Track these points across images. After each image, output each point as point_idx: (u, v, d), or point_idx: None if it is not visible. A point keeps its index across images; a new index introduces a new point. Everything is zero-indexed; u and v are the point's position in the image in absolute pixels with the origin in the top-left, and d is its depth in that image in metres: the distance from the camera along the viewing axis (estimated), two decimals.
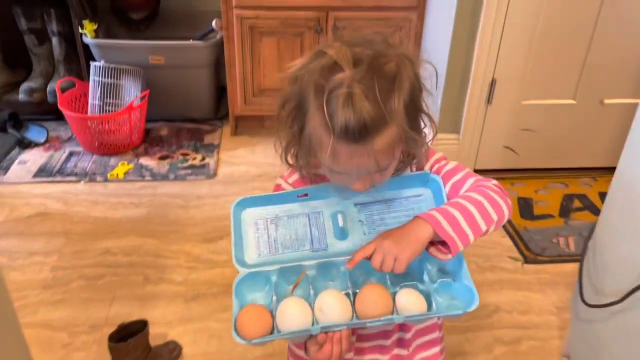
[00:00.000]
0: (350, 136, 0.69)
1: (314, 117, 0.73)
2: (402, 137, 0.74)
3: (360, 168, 0.74)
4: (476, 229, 0.78)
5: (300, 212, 0.86)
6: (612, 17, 1.96)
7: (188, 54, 2.42)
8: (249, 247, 0.85)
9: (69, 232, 1.90)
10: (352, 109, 0.68)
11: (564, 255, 1.85)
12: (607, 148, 2.24)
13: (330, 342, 0.76)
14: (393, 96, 0.71)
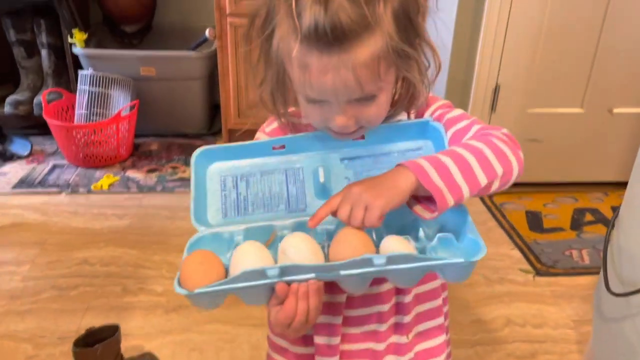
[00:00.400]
0: (321, 39, 0.56)
1: (281, 25, 0.61)
2: (390, 52, 0.60)
3: (338, 88, 0.60)
4: (473, 182, 0.62)
5: (277, 168, 0.73)
6: (619, 21, 1.88)
7: (180, 65, 2.35)
8: (213, 206, 0.72)
9: (45, 242, 1.77)
10: (324, 5, 0.55)
11: (579, 268, 1.72)
12: (618, 160, 2.13)
13: (295, 297, 0.59)
14: (377, 3, 0.58)
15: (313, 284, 0.60)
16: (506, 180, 0.66)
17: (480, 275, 1.66)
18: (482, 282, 1.64)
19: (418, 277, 0.64)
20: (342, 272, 0.60)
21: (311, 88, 0.61)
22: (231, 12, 2.14)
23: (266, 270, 0.59)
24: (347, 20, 0.56)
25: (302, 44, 0.58)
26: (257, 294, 0.62)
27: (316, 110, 0.65)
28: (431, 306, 0.78)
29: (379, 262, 0.59)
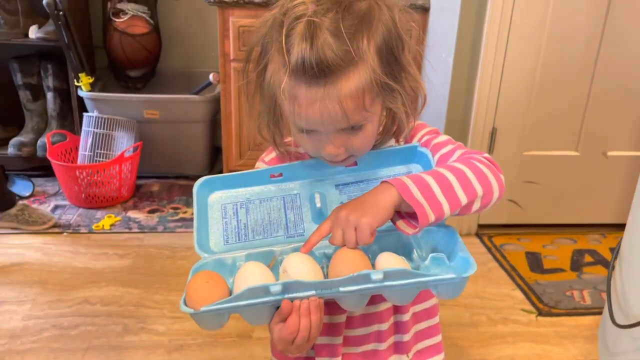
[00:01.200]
0: (308, 73, 0.60)
1: (273, 58, 0.65)
2: (374, 85, 0.64)
3: (326, 119, 0.63)
4: (453, 199, 0.65)
5: (275, 195, 0.76)
6: (611, 67, 1.96)
7: (184, 108, 2.40)
8: (215, 234, 0.74)
9: (46, 282, 1.76)
10: (310, 42, 0.60)
11: (580, 309, 1.72)
12: (613, 203, 2.17)
13: (297, 313, 0.61)
14: (361, 35, 0.62)
15: (314, 300, 0.62)
16: (487, 201, 0.69)
17: (483, 315, 1.66)
18: (486, 322, 1.64)
19: (414, 294, 0.66)
20: (342, 289, 0.62)
21: (300, 119, 0.65)
22: (235, 57, 2.21)
23: (269, 287, 0.61)
24: (332, 55, 0.60)
25: (291, 77, 0.62)
26: (260, 312, 0.64)
27: (308, 140, 0.69)
28: (429, 324, 0.81)
29: (377, 278, 0.62)
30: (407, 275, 0.63)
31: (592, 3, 1.88)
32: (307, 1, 0.62)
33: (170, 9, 2.63)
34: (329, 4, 0.62)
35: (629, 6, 1.88)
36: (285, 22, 0.62)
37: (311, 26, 0.60)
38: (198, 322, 0.65)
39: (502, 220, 2.18)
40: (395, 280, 0.62)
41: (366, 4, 0.64)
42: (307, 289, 0.62)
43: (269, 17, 0.68)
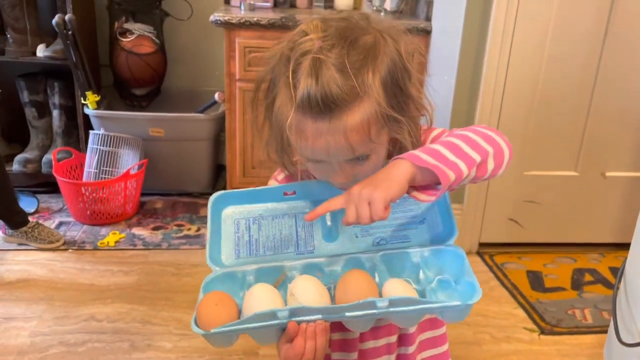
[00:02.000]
0: (313, 108, 0.62)
1: (281, 92, 0.67)
2: (379, 117, 0.66)
3: (332, 151, 0.65)
4: (466, 159, 0.66)
5: (287, 212, 0.78)
6: (609, 88, 2.01)
7: (189, 126, 2.43)
8: (227, 247, 0.77)
9: (52, 298, 1.77)
10: (316, 78, 0.61)
11: (582, 327, 1.74)
12: (612, 223, 2.20)
13: (303, 336, 0.63)
14: (366, 69, 0.64)
15: (320, 324, 0.64)
16: (500, 159, 0.70)
17: (486, 333, 1.68)
18: (489, 340, 1.65)
19: (419, 319, 0.69)
20: (347, 314, 0.64)
21: (307, 151, 0.67)
22: (240, 77, 2.25)
23: (276, 312, 0.63)
24: (337, 90, 0.62)
25: (297, 112, 0.64)
26: (268, 334, 0.66)
27: (316, 169, 0.71)
28: (433, 334, 0.84)
29: (382, 305, 0.63)
30: (412, 302, 0.64)
31: (591, 26, 1.93)
32: (313, 37, 0.65)
33: (176, 28, 2.67)
34: (334, 40, 0.64)
35: (627, 29, 1.94)
36: (292, 58, 0.64)
37: (317, 62, 0.62)
38: (208, 341, 0.68)
39: (502, 239, 2.21)
40: (400, 306, 0.64)
41: (371, 37, 0.66)
42: (314, 314, 0.64)
43: (277, 50, 0.70)
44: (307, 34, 0.66)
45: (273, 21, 2.18)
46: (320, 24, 0.67)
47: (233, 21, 2.16)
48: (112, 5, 2.52)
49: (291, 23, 2.18)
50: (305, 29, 0.67)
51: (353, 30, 0.66)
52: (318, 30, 0.66)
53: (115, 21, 2.52)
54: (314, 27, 0.66)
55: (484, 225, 2.17)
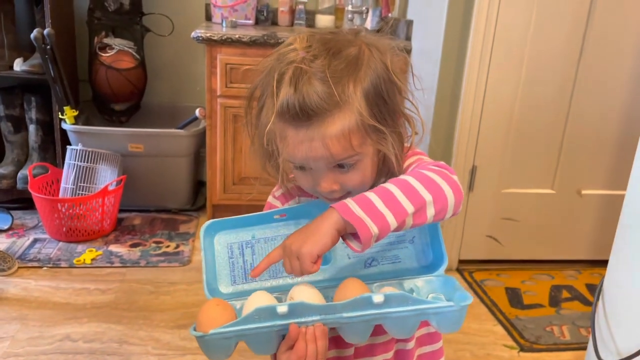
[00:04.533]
0: (292, 116, 0.64)
1: (266, 103, 0.69)
2: (360, 127, 0.67)
3: (312, 157, 0.67)
4: (397, 209, 0.65)
5: (278, 234, 0.78)
6: (584, 108, 2.06)
7: (169, 142, 2.41)
8: (222, 274, 0.76)
9: (25, 318, 1.72)
10: (295, 86, 0.64)
11: (560, 344, 1.76)
12: (588, 240, 2.23)
13: (304, 339, 0.64)
14: (347, 79, 0.66)
15: (319, 326, 0.65)
16: (441, 205, 0.69)
17: (467, 351, 1.68)
18: (470, 358, 1.66)
19: (415, 325, 0.69)
20: (345, 314, 0.65)
21: (290, 157, 0.69)
22: (221, 93, 2.25)
23: (276, 307, 0.64)
24: (316, 98, 0.64)
25: (278, 119, 0.66)
26: (267, 339, 0.66)
27: (303, 176, 0.72)
28: (432, 349, 0.84)
29: (378, 300, 0.64)
30: (407, 300, 0.66)
31: (566, 49, 1.98)
32: (298, 48, 0.67)
33: (156, 44, 2.67)
34: (318, 51, 0.66)
35: (600, 51, 1.99)
36: (277, 68, 0.67)
37: (297, 71, 0.65)
38: (206, 348, 0.66)
39: (481, 255, 2.23)
40: (395, 305, 0.65)
41: (356, 49, 0.68)
42: (312, 313, 0.65)
43: (265, 63, 0.72)
44: (292, 45, 0.68)
45: (255, 38, 2.19)
46: (306, 36, 0.69)
47: (215, 38, 2.17)
48: (92, 20, 2.50)
49: (272, 40, 2.19)
50: (292, 41, 0.69)
51: (338, 42, 0.68)
52: (303, 42, 0.68)
53: (95, 36, 2.50)
54: (300, 39, 0.69)
55: (463, 243, 2.19)
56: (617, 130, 2.11)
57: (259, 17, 2.61)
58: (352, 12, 2.56)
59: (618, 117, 2.09)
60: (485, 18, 1.89)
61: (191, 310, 1.79)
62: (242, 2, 2.49)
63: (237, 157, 2.34)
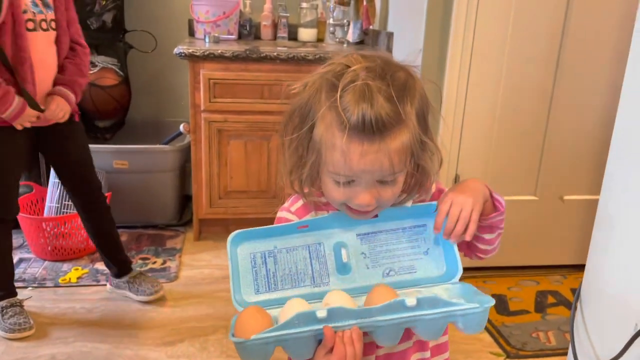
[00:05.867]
0: (367, 130, 0.68)
1: (324, 118, 0.72)
2: (414, 145, 0.73)
3: (375, 169, 0.71)
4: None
5: (300, 244, 0.80)
6: (563, 115, 2.09)
7: (154, 158, 2.42)
8: (246, 283, 0.78)
9: (10, 339, 1.71)
10: (370, 102, 0.68)
11: (546, 350, 1.77)
12: (572, 245, 2.26)
13: (342, 342, 0.67)
14: (406, 100, 0.71)
15: (355, 329, 0.68)
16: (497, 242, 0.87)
17: (454, 359, 1.69)
18: None
19: (443, 326, 0.73)
20: (379, 317, 0.69)
21: (350, 170, 0.71)
22: (205, 108, 2.26)
23: (316, 312, 0.67)
24: (387, 115, 0.69)
25: (350, 132, 0.69)
26: (305, 343, 0.69)
27: (342, 191, 0.75)
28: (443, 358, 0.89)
29: (411, 304, 0.69)
30: (437, 303, 0.70)
31: (544, 56, 2.02)
32: (357, 69, 0.71)
33: (140, 61, 2.68)
34: (376, 72, 0.71)
35: (578, 59, 2.03)
36: (341, 85, 0.70)
37: (368, 89, 0.69)
38: (245, 354, 0.69)
39: (466, 263, 2.22)
40: (427, 308, 0.69)
41: (404, 74, 0.73)
42: (349, 317, 0.68)
43: (315, 79, 0.75)
44: (349, 66, 0.72)
45: (237, 53, 2.21)
46: (360, 57, 0.73)
47: (197, 53, 2.18)
48: None
49: (255, 55, 2.21)
50: (346, 62, 0.73)
51: (389, 66, 0.73)
52: (360, 62, 0.72)
53: None
54: (355, 60, 0.73)
55: None
56: (596, 136, 2.14)
57: (242, 31, 2.64)
58: (333, 25, 2.59)
59: (597, 123, 2.12)
60: (463, 29, 1.93)
61: (178, 327, 1.79)
62: (224, 17, 2.51)
63: (223, 171, 2.34)
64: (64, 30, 1.70)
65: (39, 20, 1.63)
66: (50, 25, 1.66)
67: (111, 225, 1.94)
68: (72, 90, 1.72)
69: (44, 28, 1.65)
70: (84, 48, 1.79)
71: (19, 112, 1.59)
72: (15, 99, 1.58)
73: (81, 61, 1.76)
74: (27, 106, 1.60)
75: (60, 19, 1.69)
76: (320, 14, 2.69)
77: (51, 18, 1.66)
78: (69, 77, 1.72)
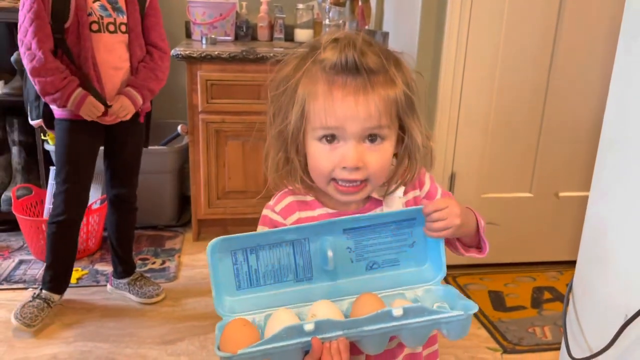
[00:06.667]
0: (349, 67, 0.69)
1: (307, 73, 0.73)
2: (400, 106, 0.73)
3: (355, 112, 0.70)
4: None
5: (283, 241, 0.79)
6: (558, 112, 2.11)
7: (152, 159, 2.42)
8: (226, 281, 0.77)
9: (11, 340, 1.73)
10: (353, 46, 0.69)
11: (542, 344, 1.79)
12: (568, 241, 2.27)
13: (329, 353, 0.68)
14: (392, 63, 0.72)
15: (342, 340, 0.68)
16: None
17: (451, 355, 1.71)
18: None
19: (427, 334, 0.74)
20: (366, 328, 0.69)
21: (333, 114, 0.71)
22: (203, 109, 2.27)
23: (303, 325, 0.67)
24: (372, 61, 0.70)
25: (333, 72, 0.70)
26: (292, 355, 0.69)
27: (327, 152, 0.74)
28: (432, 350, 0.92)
29: (397, 314, 0.69)
30: (423, 312, 0.71)
31: (538, 55, 2.04)
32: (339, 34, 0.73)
33: None
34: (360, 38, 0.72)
35: (571, 55, 2.05)
36: (323, 41, 0.72)
37: (353, 40, 0.71)
38: None
39: (464, 260, 2.25)
40: (412, 317, 0.70)
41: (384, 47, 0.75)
42: (336, 329, 0.69)
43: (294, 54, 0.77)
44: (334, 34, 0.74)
45: (234, 54, 2.22)
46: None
47: (194, 55, 2.20)
48: None
49: (252, 56, 2.23)
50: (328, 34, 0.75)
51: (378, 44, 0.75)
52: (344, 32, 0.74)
53: None
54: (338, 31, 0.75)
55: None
56: (590, 132, 2.15)
57: (239, 32, 2.65)
58: (329, 25, 2.61)
59: (591, 119, 2.14)
60: (457, 28, 1.95)
61: (177, 326, 1.80)
62: (221, 19, 2.53)
63: (221, 171, 2.36)
64: (136, 34, 1.76)
65: (106, 23, 1.70)
66: (119, 29, 1.73)
67: (132, 226, 2.02)
68: (140, 92, 1.77)
69: (111, 30, 1.71)
70: (162, 53, 1.84)
71: (80, 101, 1.65)
72: (78, 90, 1.65)
73: (156, 65, 1.81)
74: (88, 96, 1.66)
75: (133, 24, 1.75)
76: (316, 15, 2.71)
77: (121, 22, 1.73)
78: (140, 81, 1.78)
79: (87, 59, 1.68)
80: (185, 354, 1.67)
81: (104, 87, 1.73)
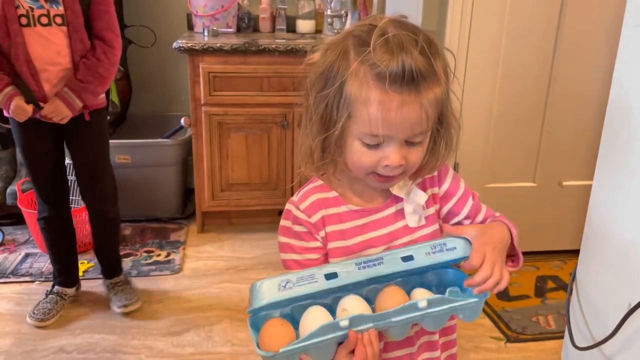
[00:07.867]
0: (407, 79, 0.68)
1: (356, 73, 0.70)
2: (445, 100, 0.73)
3: (411, 119, 0.70)
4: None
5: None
6: (561, 102, 2.10)
7: (156, 152, 2.44)
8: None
9: (19, 332, 1.75)
10: (405, 52, 0.67)
11: (546, 333, 1.80)
12: (571, 230, 2.28)
13: (362, 344, 0.72)
14: (435, 55, 0.71)
15: (372, 332, 0.72)
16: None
17: None
18: (458, 351, 1.69)
19: (445, 319, 0.78)
20: (394, 319, 0.73)
21: (387, 122, 0.70)
22: (206, 102, 2.28)
23: (339, 322, 0.71)
24: (423, 66, 0.69)
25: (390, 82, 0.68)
26: (328, 348, 0.73)
27: (370, 154, 0.74)
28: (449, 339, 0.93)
29: (422, 305, 0.73)
30: (444, 302, 0.75)
31: (541, 43, 2.03)
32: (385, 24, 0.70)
33: (140, 55, 2.69)
34: (403, 27, 0.71)
35: (575, 44, 2.04)
36: (373, 38, 0.69)
37: (402, 40, 0.68)
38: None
39: None
40: (435, 306, 0.75)
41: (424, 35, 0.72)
42: (368, 322, 0.73)
43: (337, 41, 0.74)
44: (375, 25, 0.71)
45: (236, 46, 2.22)
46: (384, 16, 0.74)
47: (196, 47, 2.20)
48: None
49: (254, 47, 2.22)
50: (371, 22, 0.72)
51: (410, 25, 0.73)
52: (385, 19, 0.72)
53: None
54: (379, 18, 0.72)
55: None
56: (594, 121, 2.15)
57: (241, 24, 2.65)
58: (331, 16, 2.60)
59: (595, 109, 2.13)
60: (460, 16, 1.94)
61: (183, 317, 1.82)
62: (222, 10, 2.53)
63: (224, 164, 2.37)
64: (75, 27, 1.61)
65: (38, 15, 1.57)
66: (54, 21, 1.59)
67: (111, 237, 1.93)
68: (78, 95, 1.64)
69: (44, 23, 1.58)
70: (108, 46, 1.67)
71: (7, 102, 1.58)
72: (7, 88, 1.57)
73: (98, 62, 1.65)
74: (16, 97, 1.57)
75: (71, 16, 1.60)
76: (318, 6, 2.70)
77: (56, 14, 1.59)
78: (79, 80, 1.64)
79: (18, 55, 1.56)
80: (191, 345, 1.69)
81: (42, 84, 1.61)
